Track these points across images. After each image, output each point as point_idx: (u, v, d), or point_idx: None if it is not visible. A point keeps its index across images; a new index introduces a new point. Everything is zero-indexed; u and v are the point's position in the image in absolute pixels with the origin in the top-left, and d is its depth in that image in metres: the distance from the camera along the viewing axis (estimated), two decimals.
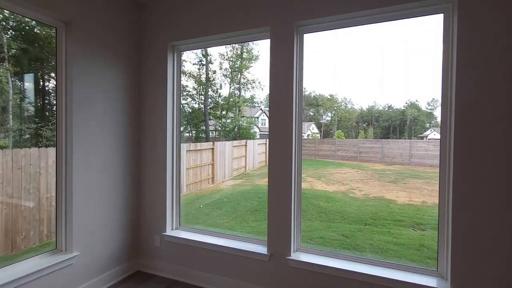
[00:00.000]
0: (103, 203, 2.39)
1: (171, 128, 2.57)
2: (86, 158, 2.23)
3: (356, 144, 5.78)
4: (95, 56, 2.26)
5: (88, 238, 2.28)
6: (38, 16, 1.95)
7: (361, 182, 5.01)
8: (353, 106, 6.78)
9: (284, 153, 1.98)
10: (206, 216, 4.57)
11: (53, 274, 2.03)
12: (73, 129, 2.12)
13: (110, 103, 2.39)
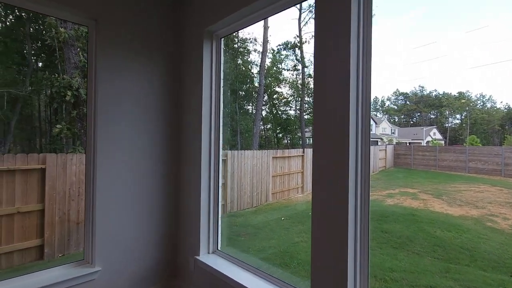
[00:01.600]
0: (132, 214, 2.11)
1: (208, 131, 2.16)
2: (112, 163, 2.02)
3: (500, 153, 4.11)
4: (125, 53, 2.09)
5: (114, 253, 2.03)
6: (70, 16, 1.96)
7: (507, 206, 3.44)
8: (494, 105, 4.94)
9: (334, 165, 1.34)
10: (284, 231, 4.16)
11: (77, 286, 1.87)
12: (98, 131, 1.95)
13: (141, 103, 2.17)
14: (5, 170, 2.93)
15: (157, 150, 2.26)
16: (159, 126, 2.27)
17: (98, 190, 1.94)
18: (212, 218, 2.14)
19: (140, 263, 2.15)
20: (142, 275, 2.15)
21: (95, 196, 1.93)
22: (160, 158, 2.28)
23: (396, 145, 5.18)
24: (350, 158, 1.27)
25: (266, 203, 5.35)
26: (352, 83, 1.29)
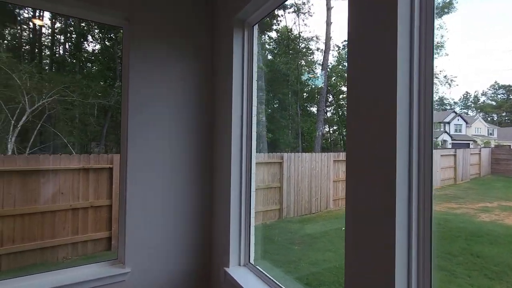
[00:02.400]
0: (163, 220, 2.09)
1: (238, 132, 1.95)
2: (142, 168, 2.01)
3: None
4: (157, 52, 2.06)
5: (144, 256, 2.03)
6: (104, 18, 2.01)
7: None
8: None
9: (373, 172, 0.98)
10: (341, 240, 3.65)
11: (107, 286, 1.88)
12: (129, 134, 1.95)
13: (173, 105, 2.12)
14: (81, 169, 3.29)
15: (189, 154, 2.16)
16: (192, 128, 2.17)
17: (129, 194, 1.93)
18: (244, 228, 1.93)
19: (170, 270, 2.06)
20: (172, 283, 2.07)
21: (126, 200, 1.93)
22: (192, 162, 2.17)
23: (495, 148, 4.10)
24: (398, 163, 0.90)
25: (326, 210, 4.90)
26: (401, 70, 0.92)
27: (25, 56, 5.74)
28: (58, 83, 5.46)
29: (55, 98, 5.13)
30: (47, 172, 3.12)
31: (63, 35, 6.54)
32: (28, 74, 5.06)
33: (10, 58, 5.08)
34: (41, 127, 4.93)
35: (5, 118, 4.46)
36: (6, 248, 2.81)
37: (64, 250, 3.28)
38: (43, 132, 5.20)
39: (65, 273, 1.85)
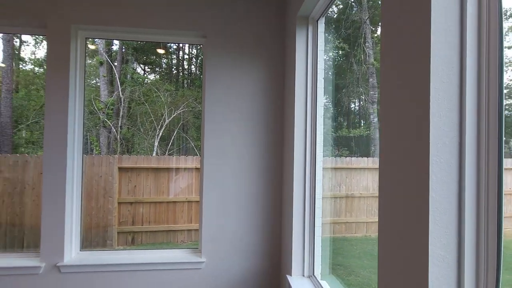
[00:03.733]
0: (236, 220, 2.33)
1: (302, 136, 1.81)
2: (217, 169, 2.28)
3: None
4: (231, 63, 2.25)
5: (217, 250, 2.31)
6: (186, 39, 2.43)
7: None
8: None
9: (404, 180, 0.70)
10: None
11: (186, 271, 2.26)
12: (205, 139, 2.27)
13: (246, 112, 2.31)
14: (194, 168, 3.88)
15: (261, 157, 2.31)
16: (263, 132, 2.30)
17: (205, 193, 2.20)
18: (308, 238, 1.78)
19: (241, 267, 2.24)
20: (242, 278, 2.23)
21: (203, 198, 2.21)
22: (263, 166, 2.34)
23: None
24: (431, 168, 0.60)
25: None
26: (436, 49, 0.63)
27: (165, 77, 7.24)
28: (188, 97, 6.78)
29: (187, 110, 6.39)
30: (172, 169, 3.87)
31: (195, 58, 8.12)
32: (168, 92, 6.52)
33: (157, 80, 6.68)
34: (176, 134, 6.25)
35: (152, 127, 5.80)
36: (145, 227, 3.66)
37: (182, 235, 3.96)
38: (178, 138, 6.58)
39: (162, 253, 2.43)
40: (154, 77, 6.85)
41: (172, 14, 2.25)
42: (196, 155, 4.21)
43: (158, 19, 2.23)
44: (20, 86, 5.09)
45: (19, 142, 4.89)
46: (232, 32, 2.29)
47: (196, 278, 2.29)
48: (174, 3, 2.25)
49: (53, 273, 2.18)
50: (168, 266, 2.28)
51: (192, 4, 2.27)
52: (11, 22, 2.20)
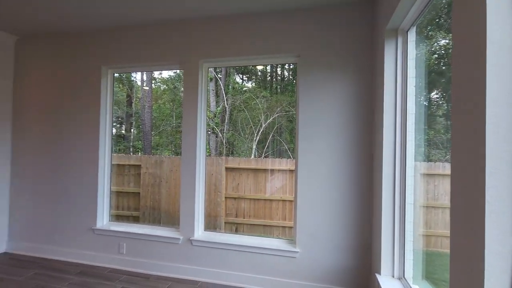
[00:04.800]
0: (329, 217, 2.57)
1: (391, 144, 1.82)
2: (309, 170, 2.56)
3: None
4: (321, 76, 2.52)
5: (310, 243, 2.59)
6: (282, 60, 2.85)
7: None
8: None
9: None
10: None
11: (281, 258, 2.64)
12: (299, 144, 2.60)
13: (337, 120, 2.55)
14: (287, 170, 4.29)
15: (351, 162, 2.48)
16: (353, 138, 2.47)
17: (299, 192, 2.52)
18: (398, 240, 1.87)
19: (332, 261, 2.45)
20: (333, 272, 2.44)
21: (297, 194, 2.52)
22: (353, 169, 2.48)
23: None
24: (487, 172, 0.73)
25: None
26: None
27: (261, 84, 7.97)
28: (282, 101, 7.31)
29: (281, 114, 6.92)
30: (268, 170, 4.39)
31: (287, 64, 8.70)
32: (265, 98, 7.20)
33: (254, 87, 7.46)
34: (271, 137, 6.83)
35: (250, 131, 6.53)
36: (245, 219, 4.28)
37: (277, 230, 4.40)
38: (273, 141, 7.17)
39: (262, 240, 2.84)
40: (251, 85, 7.64)
41: (273, 42, 2.72)
42: (290, 158, 4.59)
43: (262, 47, 2.74)
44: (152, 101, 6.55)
45: (153, 145, 6.34)
46: (323, 48, 2.56)
47: (291, 265, 2.65)
48: (275, 33, 2.71)
49: (187, 244, 2.95)
50: (266, 251, 2.72)
51: (289, 32, 2.69)
52: (163, 63, 3.12)
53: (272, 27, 2.72)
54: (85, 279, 2.92)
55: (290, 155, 6.08)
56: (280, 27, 2.70)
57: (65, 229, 3.39)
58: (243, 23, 2.82)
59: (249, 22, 2.80)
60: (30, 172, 3.55)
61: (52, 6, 2.78)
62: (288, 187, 4.20)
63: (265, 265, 2.72)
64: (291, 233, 4.13)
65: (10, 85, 3.64)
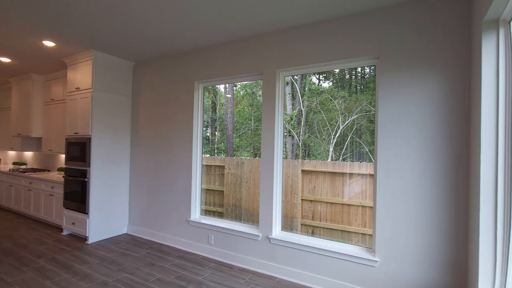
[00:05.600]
0: (413, 226, 2.39)
1: (492, 147, 1.51)
2: (390, 174, 2.44)
3: None
4: (404, 76, 2.37)
5: (393, 254, 2.45)
6: (360, 63, 2.76)
7: None
8: None
9: None
10: None
11: (359, 265, 2.55)
12: (379, 147, 2.51)
13: (423, 123, 2.37)
14: (368, 174, 4.13)
15: (440, 168, 2.26)
16: (443, 140, 2.23)
17: (379, 196, 2.42)
18: (501, 258, 1.64)
19: (417, 277, 2.27)
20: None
21: (376, 200, 2.44)
22: (443, 175, 2.24)
23: None
24: None
25: None
26: None
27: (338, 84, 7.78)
28: (361, 101, 6.95)
29: (361, 115, 6.61)
30: (346, 174, 4.29)
31: None
32: (342, 98, 6.98)
33: (331, 87, 7.28)
34: (350, 138, 6.57)
35: (327, 133, 6.44)
36: (322, 223, 4.28)
37: (356, 237, 4.25)
38: (352, 143, 6.88)
39: (339, 245, 2.85)
40: (328, 85, 7.49)
41: (350, 45, 2.68)
42: (371, 161, 4.35)
43: (339, 52, 2.75)
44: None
45: (234, 147, 6.87)
46: (404, 47, 2.38)
47: (369, 274, 2.55)
48: (352, 37, 2.67)
49: (266, 242, 3.17)
50: (343, 256, 2.69)
51: (366, 34, 2.60)
52: (244, 75, 3.45)
53: (348, 31, 2.68)
54: (182, 262, 3.47)
55: (371, 158, 5.76)
56: (356, 30, 2.64)
57: (167, 218, 4.07)
58: (317, 30, 2.87)
59: (324, 29, 2.83)
60: (142, 170, 4.40)
61: (159, 40, 3.42)
62: (369, 192, 4.01)
63: (341, 270, 2.70)
64: (371, 241, 3.97)
65: (129, 102, 4.61)
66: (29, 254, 3.62)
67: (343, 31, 2.71)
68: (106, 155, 4.27)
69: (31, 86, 5.46)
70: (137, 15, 2.90)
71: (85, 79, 4.15)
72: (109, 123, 4.30)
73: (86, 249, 3.84)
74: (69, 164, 4.36)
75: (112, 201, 4.37)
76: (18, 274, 3.07)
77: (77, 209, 4.22)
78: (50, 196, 4.82)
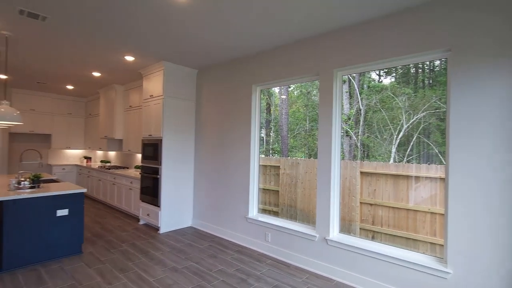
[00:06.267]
0: (493, 235, 2.12)
1: None
2: (466, 178, 2.19)
3: None
4: (481, 73, 2.13)
5: (467, 265, 2.19)
6: (430, 57, 2.52)
7: None
8: None
9: None
10: None
11: (427, 275, 2.35)
12: (450, 149, 2.29)
13: (505, 114, 2.08)
14: (438, 178, 3.78)
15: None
16: None
17: (451, 203, 2.22)
18: None
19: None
20: None
21: (448, 206, 2.24)
22: None
23: None
24: None
25: None
26: None
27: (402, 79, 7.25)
28: (430, 97, 6.32)
29: (428, 112, 6.03)
30: (411, 177, 3.98)
31: None
32: (407, 95, 6.45)
33: (393, 84, 6.79)
34: (416, 139, 6.03)
35: (389, 133, 6.04)
36: (383, 228, 4.04)
37: (424, 246, 3.91)
38: (418, 143, 6.31)
39: (403, 252, 2.72)
40: (390, 81, 6.98)
41: (416, 38, 2.49)
42: (441, 163, 3.93)
43: (402, 47, 2.58)
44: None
45: (289, 148, 6.89)
46: (482, 36, 2.13)
47: (438, 287, 2.34)
48: (418, 29, 2.48)
49: (323, 243, 3.15)
50: (408, 264, 2.51)
51: (435, 24, 2.38)
52: (300, 76, 3.48)
53: (415, 24, 2.50)
54: (241, 256, 3.66)
55: (442, 160, 5.27)
56: (424, 22, 2.45)
57: (227, 214, 4.34)
58: (378, 26, 2.74)
59: (386, 24, 2.69)
60: (205, 169, 4.77)
61: (221, 49, 3.69)
62: (439, 198, 3.66)
63: (406, 278, 2.53)
64: (442, 251, 3.64)
65: (193, 106, 5.04)
66: (115, 239, 4.25)
67: (409, 25, 2.54)
68: (174, 154, 4.75)
69: (115, 95, 6.37)
70: (203, 31, 3.19)
71: (157, 87, 4.70)
72: (176, 125, 4.78)
73: (158, 238, 4.34)
74: (144, 163, 4.97)
75: (179, 196, 4.84)
76: (108, 254, 3.64)
77: (150, 202, 4.79)
78: (130, 190, 5.56)
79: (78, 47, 3.96)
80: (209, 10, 2.76)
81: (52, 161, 7.88)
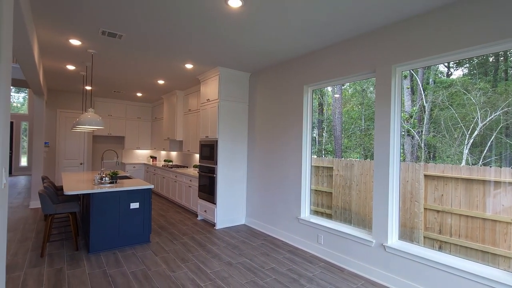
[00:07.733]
0: None
1: None
2: None
3: None
4: None
5: None
6: None
7: None
8: None
9: None
10: None
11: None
12: None
13: None
14: (492, 181, 3.27)
15: None
16: None
17: None
18: None
19: None
20: None
21: None
22: None
23: None
24: None
25: None
26: None
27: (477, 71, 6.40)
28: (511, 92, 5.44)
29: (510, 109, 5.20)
30: (489, 182, 3.51)
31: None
32: (482, 91, 5.65)
33: (465, 78, 6.02)
34: (496, 139, 5.25)
35: (460, 132, 5.40)
36: (453, 239, 3.64)
37: (506, 262, 3.41)
38: (497, 144, 5.48)
39: (480, 267, 2.48)
40: (462, 73, 6.21)
41: (498, 25, 2.20)
42: None
43: (480, 35, 2.30)
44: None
45: (343, 148, 6.61)
46: None
47: None
48: (499, 13, 2.19)
49: (380, 249, 2.98)
50: (486, 282, 2.23)
51: None
52: (355, 74, 3.36)
53: (493, 7, 2.21)
54: (292, 257, 3.67)
55: None
56: (505, 3, 2.14)
57: (279, 214, 4.39)
58: (443, 15, 2.49)
59: (454, 12, 2.42)
60: (257, 169, 4.91)
61: (273, 52, 3.77)
62: None
63: None
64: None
65: (246, 108, 5.23)
66: (177, 231, 4.66)
67: (485, 8, 2.25)
68: (228, 154, 5.00)
69: (176, 100, 6.97)
70: (259, 38, 3.31)
71: (213, 91, 5.00)
72: (231, 127, 5.02)
73: (214, 233, 4.62)
74: (202, 162, 5.34)
75: (233, 195, 5.07)
76: (171, 245, 4.02)
77: (207, 199, 5.12)
78: (189, 188, 6.02)
79: (148, 59, 4.46)
80: (265, 14, 2.86)
81: (125, 160, 8.98)
